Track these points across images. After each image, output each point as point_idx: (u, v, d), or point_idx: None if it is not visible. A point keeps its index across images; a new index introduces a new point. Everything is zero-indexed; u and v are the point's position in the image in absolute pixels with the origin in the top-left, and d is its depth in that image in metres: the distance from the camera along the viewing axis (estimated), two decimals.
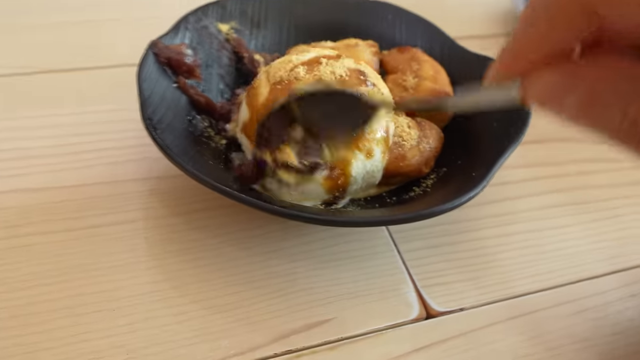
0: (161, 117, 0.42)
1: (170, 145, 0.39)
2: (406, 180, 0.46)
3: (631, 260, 0.46)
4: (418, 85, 0.49)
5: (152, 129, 0.40)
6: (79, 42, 0.61)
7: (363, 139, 0.41)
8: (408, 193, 0.45)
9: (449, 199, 0.39)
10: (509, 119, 0.45)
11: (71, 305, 0.38)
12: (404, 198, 0.45)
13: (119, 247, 0.41)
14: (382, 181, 0.45)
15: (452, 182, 0.44)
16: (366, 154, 0.42)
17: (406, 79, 0.50)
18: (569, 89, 0.20)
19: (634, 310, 0.43)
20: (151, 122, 0.40)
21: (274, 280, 0.41)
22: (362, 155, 0.41)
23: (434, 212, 0.38)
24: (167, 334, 0.37)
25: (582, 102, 0.20)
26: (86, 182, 0.46)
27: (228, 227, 0.44)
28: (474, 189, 0.39)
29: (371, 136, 0.42)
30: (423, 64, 0.51)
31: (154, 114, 0.41)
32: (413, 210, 0.40)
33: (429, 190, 0.45)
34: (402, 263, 0.44)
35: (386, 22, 0.57)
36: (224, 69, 0.51)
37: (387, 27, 0.57)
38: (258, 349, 0.37)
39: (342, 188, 0.42)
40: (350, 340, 0.38)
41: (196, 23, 0.50)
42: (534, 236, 0.47)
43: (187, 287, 0.40)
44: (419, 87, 0.49)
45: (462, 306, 0.41)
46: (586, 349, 0.40)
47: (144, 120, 0.40)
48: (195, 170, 0.38)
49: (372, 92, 0.42)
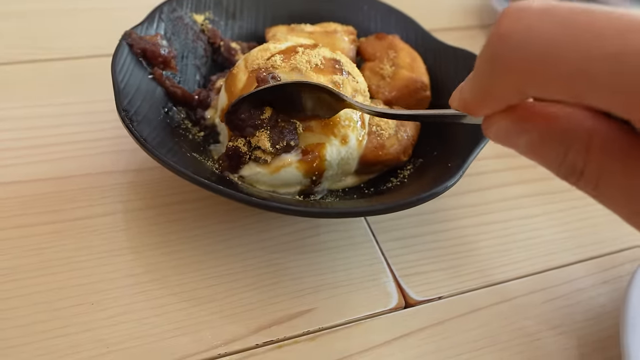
0: (137, 108, 0.42)
1: (148, 138, 0.39)
2: (385, 168, 0.47)
3: (601, 248, 0.48)
4: (395, 74, 0.50)
5: (129, 121, 0.39)
6: (52, 33, 0.60)
7: (338, 125, 0.42)
8: (385, 184, 0.46)
9: (426, 189, 0.39)
10: None
11: (49, 299, 0.37)
12: (381, 189, 0.45)
13: (98, 240, 0.41)
14: (362, 170, 0.45)
15: (429, 172, 0.44)
16: (341, 140, 0.42)
17: (383, 67, 0.50)
18: (519, 132, 0.23)
19: (606, 296, 0.44)
20: (127, 114, 0.40)
21: (253, 272, 0.41)
22: (337, 141, 0.42)
23: (411, 202, 0.38)
24: (147, 327, 0.37)
25: (530, 144, 0.23)
26: (62, 175, 0.45)
27: (207, 219, 0.44)
28: (450, 179, 0.40)
29: (346, 123, 0.42)
30: (400, 51, 0.51)
31: (130, 106, 0.41)
32: (390, 200, 0.41)
33: (405, 181, 0.45)
34: (381, 253, 0.44)
35: (362, 13, 0.58)
36: (200, 60, 0.51)
37: (362, 18, 0.57)
38: (239, 340, 0.37)
39: (318, 172, 0.42)
40: (331, 330, 0.39)
41: (170, 13, 0.50)
42: (508, 225, 0.48)
43: (167, 279, 0.40)
44: (395, 75, 0.50)
45: (440, 295, 0.42)
46: (562, 335, 0.41)
47: (119, 112, 0.40)
48: (173, 162, 0.38)
49: (346, 80, 0.42)
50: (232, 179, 0.42)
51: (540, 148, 0.23)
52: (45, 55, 0.57)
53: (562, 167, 0.22)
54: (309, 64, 0.42)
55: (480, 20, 0.77)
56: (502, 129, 0.24)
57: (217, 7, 0.54)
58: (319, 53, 0.43)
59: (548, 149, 0.22)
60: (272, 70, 0.42)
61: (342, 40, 0.51)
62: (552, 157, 0.22)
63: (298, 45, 0.44)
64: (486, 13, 0.79)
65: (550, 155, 0.22)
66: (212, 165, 0.43)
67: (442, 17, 0.76)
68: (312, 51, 0.43)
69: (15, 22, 0.60)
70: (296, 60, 0.42)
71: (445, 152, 0.45)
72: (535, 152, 0.23)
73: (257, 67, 0.43)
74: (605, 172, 0.21)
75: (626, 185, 0.20)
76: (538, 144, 0.23)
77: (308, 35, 0.50)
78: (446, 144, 0.46)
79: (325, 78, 0.42)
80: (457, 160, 0.42)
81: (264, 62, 0.43)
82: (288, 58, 0.42)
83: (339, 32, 0.52)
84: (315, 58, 0.43)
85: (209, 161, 0.44)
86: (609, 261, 0.47)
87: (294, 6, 0.57)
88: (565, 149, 0.22)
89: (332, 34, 0.51)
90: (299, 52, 0.43)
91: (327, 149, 0.42)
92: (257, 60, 0.43)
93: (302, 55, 0.43)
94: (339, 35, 0.51)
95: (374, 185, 0.46)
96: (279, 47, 0.44)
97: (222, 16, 0.54)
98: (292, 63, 0.42)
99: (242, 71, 0.44)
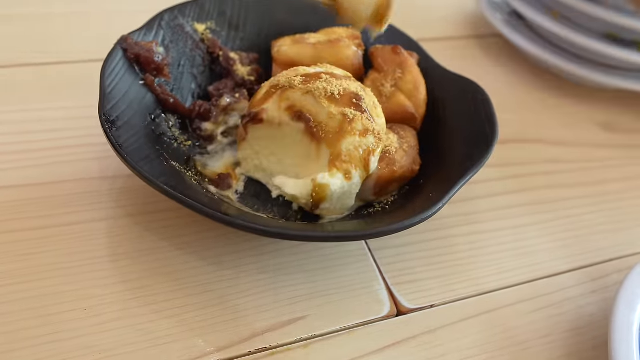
0: (120, 113, 0.41)
1: (124, 144, 0.39)
2: (401, 184, 0.47)
3: (589, 258, 0.48)
4: (392, 96, 0.49)
5: (108, 125, 0.39)
6: (48, 36, 0.59)
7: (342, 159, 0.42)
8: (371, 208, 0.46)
9: (424, 207, 0.39)
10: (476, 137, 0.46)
11: (40, 305, 0.37)
12: (369, 212, 0.45)
13: (90, 245, 0.41)
14: (379, 192, 0.45)
15: (426, 189, 0.44)
16: (345, 175, 0.42)
17: (385, 84, 0.50)
18: None
19: (594, 306, 0.45)
20: (107, 118, 0.40)
21: (245, 279, 0.41)
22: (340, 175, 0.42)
23: (414, 222, 0.38)
24: (139, 333, 0.37)
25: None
26: (54, 180, 0.45)
27: (200, 226, 0.44)
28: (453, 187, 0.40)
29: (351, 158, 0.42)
30: (407, 74, 0.50)
31: (113, 110, 0.41)
32: (390, 221, 0.39)
33: (387, 207, 0.45)
34: (374, 261, 0.44)
35: (365, 34, 0.57)
36: (197, 68, 0.51)
37: (367, 38, 0.57)
38: (232, 347, 0.37)
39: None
40: (323, 338, 0.39)
41: (172, 21, 0.50)
42: (498, 234, 0.49)
43: (160, 285, 0.39)
44: (392, 97, 0.49)
45: (432, 303, 0.42)
46: (551, 344, 0.41)
47: (100, 116, 0.39)
48: (145, 170, 0.37)
49: (358, 116, 0.42)
50: (211, 191, 0.43)
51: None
52: (41, 59, 0.56)
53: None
54: (324, 91, 0.42)
55: (474, 30, 0.78)
56: None
57: (220, 18, 0.53)
58: (342, 84, 0.43)
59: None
60: (289, 90, 0.42)
61: (347, 47, 0.50)
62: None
63: (325, 73, 0.44)
64: (479, 23, 0.79)
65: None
66: (192, 176, 0.43)
67: (435, 26, 0.77)
68: (337, 81, 0.43)
69: (10, 26, 0.60)
70: (314, 85, 0.42)
71: (436, 172, 0.45)
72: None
73: (277, 83, 0.43)
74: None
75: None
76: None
77: (313, 48, 0.49)
78: (440, 164, 0.46)
79: (336, 108, 0.41)
80: (455, 174, 0.42)
81: (286, 79, 0.43)
82: (308, 81, 0.42)
83: (343, 40, 0.51)
84: (335, 87, 0.42)
85: (190, 171, 0.44)
86: (598, 271, 0.47)
87: (299, 20, 0.56)
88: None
89: (336, 44, 0.50)
90: (322, 79, 0.43)
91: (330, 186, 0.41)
92: (282, 77, 0.44)
93: (322, 82, 0.42)
94: (344, 43, 0.50)
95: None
96: (307, 70, 0.45)
97: (224, 27, 0.53)
98: (308, 87, 0.42)
99: (266, 85, 0.45)
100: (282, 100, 0.42)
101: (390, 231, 0.37)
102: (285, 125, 0.43)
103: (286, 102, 0.42)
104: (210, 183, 0.44)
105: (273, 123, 0.43)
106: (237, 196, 0.45)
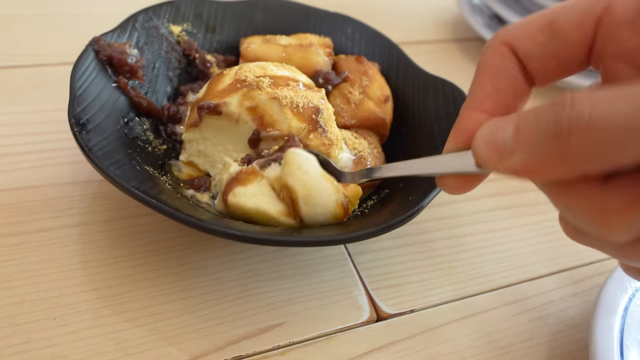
0: (91, 116, 0.40)
1: (94, 147, 0.38)
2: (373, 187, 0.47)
3: (570, 261, 0.48)
4: (361, 103, 0.49)
5: (77, 128, 0.38)
6: (18, 39, 0.58)
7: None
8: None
9: (401, 210, 0.38)
10: None
11: (11, 314, 0.36)
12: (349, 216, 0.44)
13: (61, 252, 0.40)
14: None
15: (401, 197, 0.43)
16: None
17: (352, 91, 0.49)
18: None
19: (575, 309, 0.44)
20: (77, 120, 0.38)
21: (223, 286, 0.40)
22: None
23: (392, 224, 0.37)
24: (111, 342, 0.36)
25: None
26: (25, 185, 0.44)
27: (177, 232, 0.43)
28: (431, 192, 0.39)
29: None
30: (373, 82, 0.50)
31: (83, 113, 0.40)
32: (369, 224, 0.39)
33: (367, 211, 0.44)
34: (353, 266, 0.44)
35: (345, 35, 0.57)
36: (173, 71, 0.50)
37: (345, 40, 0.57)
38: (207, 355, 0.36)
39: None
40: (301, 345, 0.38)
41: (146, 22, 0.49)
42: (479, 238, 0.48)
43: (134, 292, 0.38)
44: (361, 104, 0.49)
45: (413, 308, 0.42)
46: (533, 347, 0.41)
47: (69, 119, 0.38)
48: (115, 174, 0.36)
49: (315, 135, 0.42)
50: (187, 196, 0.42)
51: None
52: (8, 62, 0.55)
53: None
54: (290, 101, 0.41)
55: (454, 34, 0.78)
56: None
57: (196, 20, 0.53)
58: (306, 96, 0.42)
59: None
60: (256, 90, 0.41)
61: (317, 54, 0.50)
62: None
63: (294, 80, 0.43)
64: (459, 27, 0.79)
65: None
66: (166, 180, 0.42)
67: (416, 30, 0.77)
68: (304, 92, 0.43)
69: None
70: (282, 92, 0.42)
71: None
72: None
73: (244, 78, 0.42)
74: None
75: None
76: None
77: (283, 49, 0.49)
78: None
79: (296, 122, 0.41)
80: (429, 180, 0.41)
81: (253, 77, 0.42)
82: (276, 86, 0.42)
83: (314, 45, 0.51)
84: (301, 99, 0.42)
85: (164, 176, 0.43)
86: (579, 274, 0.47)
87: (278, 24, 0.56)
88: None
89: (306, 48, 0.50)
90: (290, 86, 0.42)
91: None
92: (249, 72, 0.43)
93: (289, 90, 0.42)
94: (314, 49, 0.50)
95: None
96: (276, 72, 0.44)
97: (200, 29, 0.53)
98: (276, 92, 0.41)
99: (231, 76, 0.43)
100: (246, 98, 0.42)
101: (369, 234, 0.37)
102: (243, 123, 0.42)
103: (250, 101, 0.42)
104: (187, 187, 0.43)
105: (231, 118, 0.42)
106: (215, 200, 0.44)
